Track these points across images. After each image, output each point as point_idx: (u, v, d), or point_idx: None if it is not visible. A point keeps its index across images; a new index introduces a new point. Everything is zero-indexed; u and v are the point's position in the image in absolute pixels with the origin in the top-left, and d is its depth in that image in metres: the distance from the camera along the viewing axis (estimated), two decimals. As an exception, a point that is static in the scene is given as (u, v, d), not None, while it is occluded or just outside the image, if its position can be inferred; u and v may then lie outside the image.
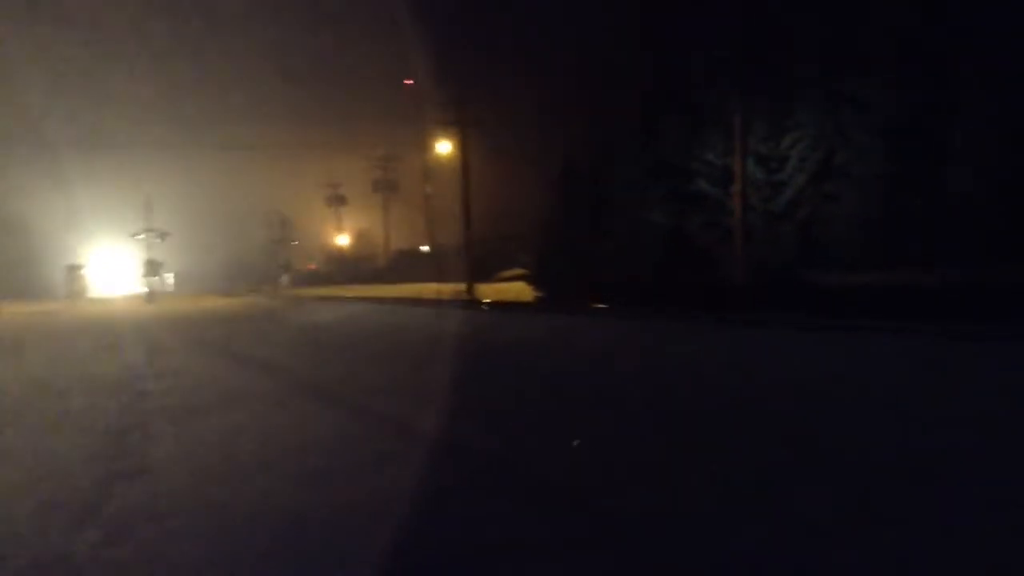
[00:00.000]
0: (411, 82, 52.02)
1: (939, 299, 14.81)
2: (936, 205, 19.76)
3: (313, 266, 78.11)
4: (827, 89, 22.57)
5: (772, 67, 23.07)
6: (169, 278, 75.43)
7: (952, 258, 17.99)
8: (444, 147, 44.62)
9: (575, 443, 4.70)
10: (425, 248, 61.67)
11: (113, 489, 5.57)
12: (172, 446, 6.97)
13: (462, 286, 37.29)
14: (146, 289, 58.20)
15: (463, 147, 38.25)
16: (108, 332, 22.74)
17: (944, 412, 6.85)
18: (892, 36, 20.86)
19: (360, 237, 78.44)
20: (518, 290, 32.83)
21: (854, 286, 18.76)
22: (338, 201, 73.58)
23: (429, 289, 39.77)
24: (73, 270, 70.60)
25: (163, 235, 61.80)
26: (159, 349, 16.72)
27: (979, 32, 18.95)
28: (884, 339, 11.21)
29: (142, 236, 61.64)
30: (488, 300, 29.96)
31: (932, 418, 6.69)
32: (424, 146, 47.43)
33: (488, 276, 40.13)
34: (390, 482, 5.49)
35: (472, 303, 28.90)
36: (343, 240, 75.17)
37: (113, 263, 75.61)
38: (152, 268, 62.57)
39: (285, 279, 72.73)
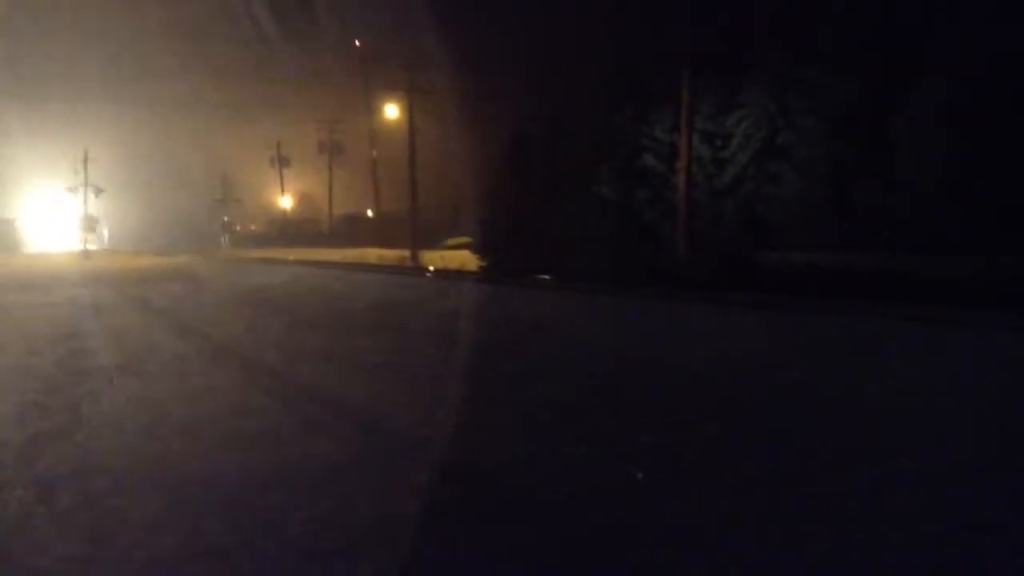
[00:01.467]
0: (361, 44, 51.11)
1: (869, 282, 15.21)
2: (878, 191, 20.13)
3: (255, 227, 76.72)
4: (775, 71, 22.79)
5: (722, 46, 23.19)
6: (104, 235, 73.44)
7: (893, 244, 18.41)
8: (392, 111, 44.04)
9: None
10: (370, 213, 60.98)
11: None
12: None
13: (406, 252, 37.05)
14: (82, 246, 56.54)
15: (411, 112, 37.82)
16: (32, 286, 22.05)
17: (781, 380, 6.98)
18: (842, 23, 21.10)
19: (304, 200, 77.23)
20: (463, 258, 32.69)
21: (792, 265, 19.12)
22: (282, 162, 72.15)
23: (372, 254, 39.41)
24: (4, 224, 68.21)
25: (98, 191, 60.02)
26: (81, 305, 16.29)
27: (930, 20, 19.26)
28: (801, 317, 11.41)
29: (78, 191, 59.79)
30: (432, 268, 29.80)
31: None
32: (373, 110, 46.73)
33: (433, 243, 39.89)
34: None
35: (415, 270, 28.72)
36: (286, 202, 73.87)
37: (48, 218, 73.19)
38: (89, 224, 60.80)
39: (225, 240, 71.30)
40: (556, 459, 5.13)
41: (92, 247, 57.15)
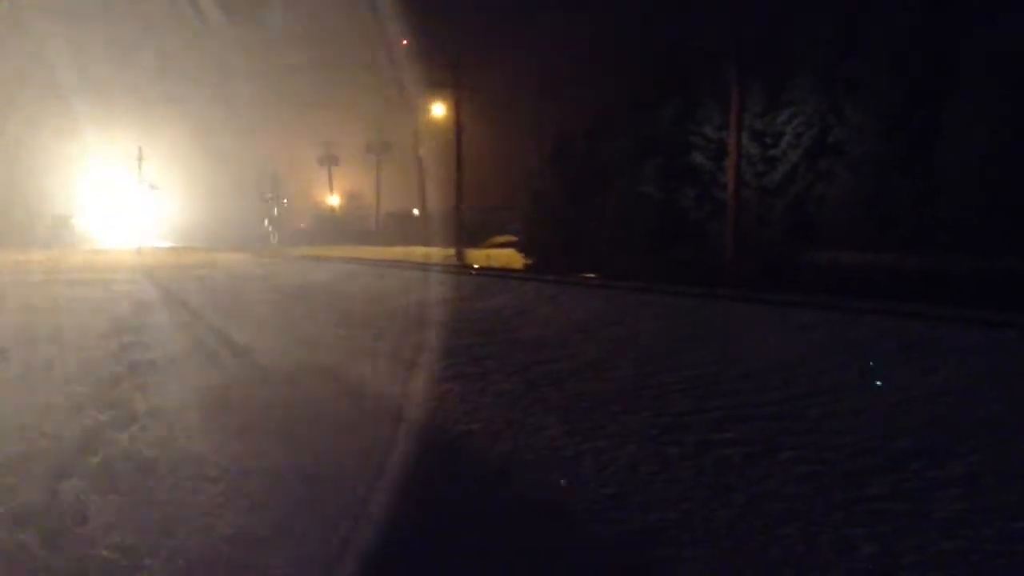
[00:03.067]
0: (407, 43, 51.45)
1: (925, 283, 14.89)
2: (927, 189, 19.72)
3: (303, 225, 77.65)
4: (824, 68, 22.42)
5: (770, 44, 22.88)
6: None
7: (942, 243, 18.01)
8: (439, 110, 44.23)
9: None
10: (416, 211, 61.36)
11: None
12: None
13: (451, 251, 37.17)
14: (137, 243, 57.71)
15: (457, 111, 37.95)
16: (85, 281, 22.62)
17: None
18: (891, 21, 20.69)
19: (351, 198, 77.98)
20: (508, 257, 32.75)
21: (844, 265, 18.81)
22: (330, 161, 72.99)
23: (417, 252, 39.64)
24: (61, 219, 69.78)
25: (152, 187, 61.24)
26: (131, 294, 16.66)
27: (978, 19, 18.82)
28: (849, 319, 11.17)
29: (136, 188, 61.02)
30: (477, 266, 29.89)
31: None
32: (419, 109, 46.97)
33: (478, 242, 40.00)
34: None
35: (460, 268, 28.83)
36: (334, 200, 74.68)
37: (105, 214, 74.68)
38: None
39: (274, 237, 72.33)
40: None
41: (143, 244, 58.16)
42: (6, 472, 5.11)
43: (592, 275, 22.13)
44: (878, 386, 6.93)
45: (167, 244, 71.35)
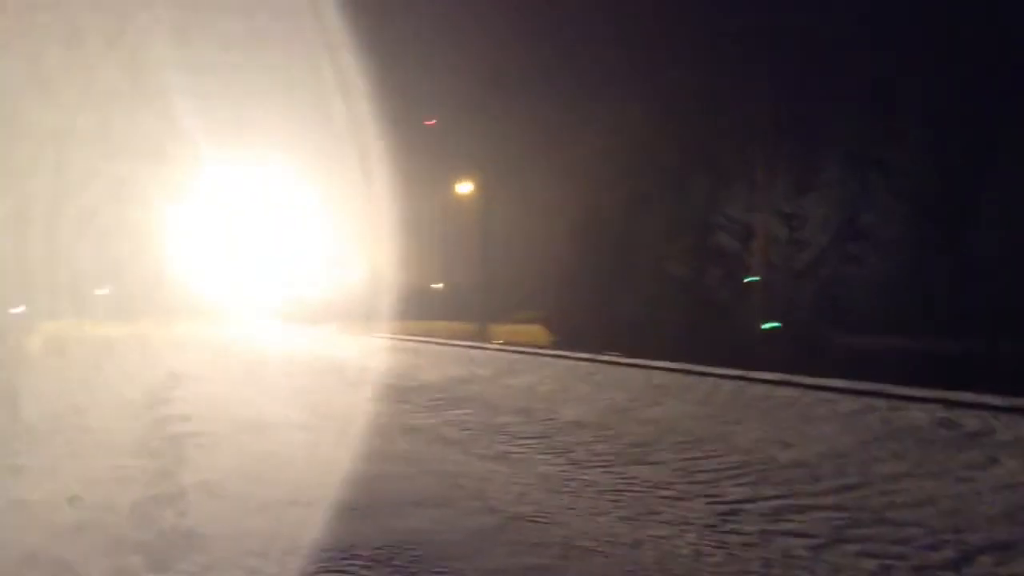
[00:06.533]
0: (432, 122, 52.43)
1: (967, 369, 14.65)
2: (961, 273, 19.64)
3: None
4: (854, 152, 22.63)
5: (799, 127, 23.16)
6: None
7: (980, 328, 17.83)
8: (464, 188, 44.85)
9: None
10: (437, 286, 61.54)
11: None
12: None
13: (475, 326, 37.15)
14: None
15: (482, 189, 38.45)
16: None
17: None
18: (923, 104, 20.94)
19: (371, 272, 78.19)
20: (533, 333, 32.66)
21: (877, 349, 18.62)
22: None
23: (440, 327, 39.59)
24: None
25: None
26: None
27: (1010, 103, 18.99)
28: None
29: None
30: (501, 341, 29.82)
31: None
32: (444, 186, 47.63)
33: (503, 317, 39.95)
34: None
35: (486, 343, 28.78)
36: (356, 275, 74.91)
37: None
38: None
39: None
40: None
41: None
42: None
43: (621, 353, 22.02)
44: (940, 477, 6.76)
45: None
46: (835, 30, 21.85)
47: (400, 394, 13.41)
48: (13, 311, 26.84)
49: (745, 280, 24.65)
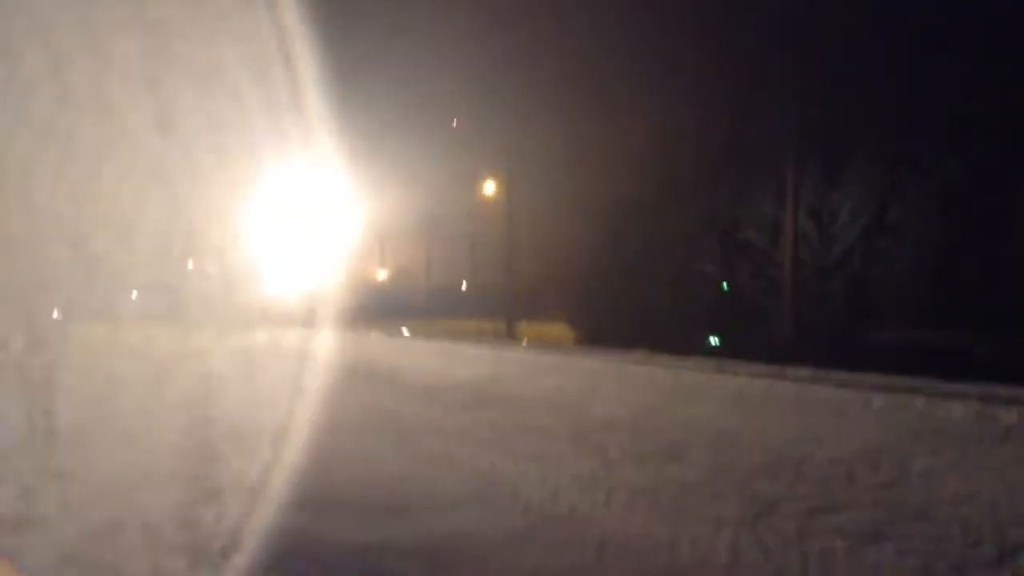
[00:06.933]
0: (456, 122, 52.48)
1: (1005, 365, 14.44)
2: (992, 268, 19.41)
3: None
4: (883, 147, 22.41)
5: (828, 122, 22.93)
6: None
7: (1009, 322, 17.60)
8: (490, 188, 44.87)
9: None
10: (464, 286, 61.69)
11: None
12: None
13: (501, 325, 37.17)
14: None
15: (507, 189, 38.39)
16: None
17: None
18: (952, 102, 20.70)
19: (399, 272, 78.58)
20: (559, 331, 32.67)
21: (909, 344, 18.45)
22: (381, 235, 73.94)
23: (467, 326, 39.67)
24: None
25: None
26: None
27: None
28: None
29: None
30: (527, 340, 29.83)
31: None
32: (470, 186, 47.65)
33: (529, 316, 39.95)
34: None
35: (513, 342, 28.82)
36: (382, 274, 75.42)
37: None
38: None
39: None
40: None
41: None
42: None
43: (649, 352, 21.96)
44: (979, 474, 6.70)
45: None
46: (864, 25, 21.65)
47: (431, 394, 13.52)
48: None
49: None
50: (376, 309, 60.74)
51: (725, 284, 25.35)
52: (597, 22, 27.14)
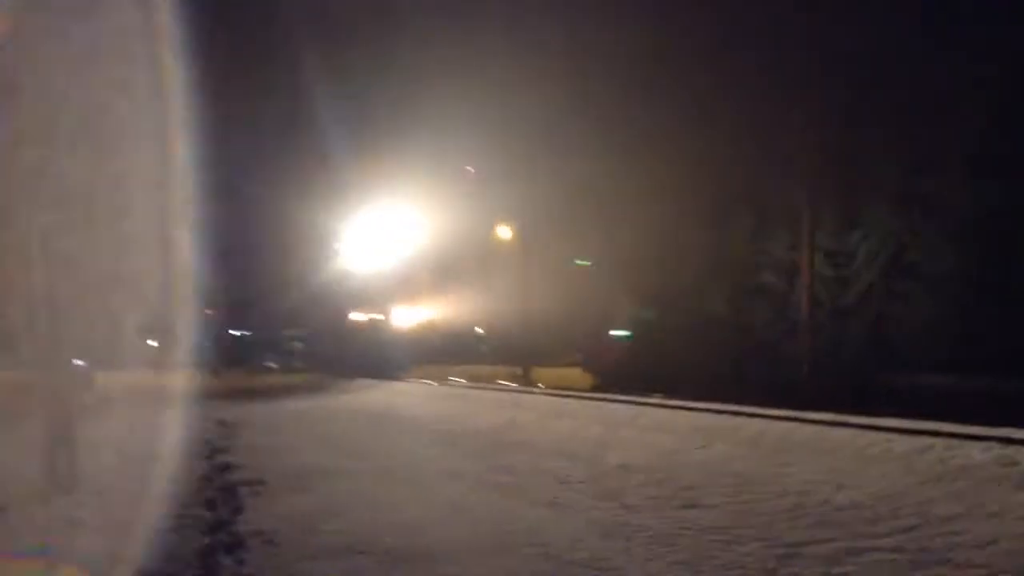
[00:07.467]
0: (472, 170, 52.94)
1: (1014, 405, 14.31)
2: (1009, 311, 19.29)
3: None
4: (898, 189, 22.45)
5: (842, 164, 23.03)
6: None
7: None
8: (504, 232, 45.04)
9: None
10: (479, 330, 61.67)
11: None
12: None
13: (517, 370, 37.06)
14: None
15: (522, 235, 38.56)
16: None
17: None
18: (965, 140, 20.76)
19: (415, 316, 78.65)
20: (573, 376, 32.56)
21: (926, 387, 18.30)
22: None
23: (483, 371, 39.57)
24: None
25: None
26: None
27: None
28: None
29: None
30: (541, 384, 29.72)
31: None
32: (484, 232, 47.83)
33: (545, 361, 39.83)
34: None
35: (530, 387, 28.73)
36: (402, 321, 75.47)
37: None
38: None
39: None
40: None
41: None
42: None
43: (664, 395, 21.88)
44: (1001, 517, 6.63)
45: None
46: (880, 66, 21.77)
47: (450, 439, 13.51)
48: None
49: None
50: (396, 358, 60.51)
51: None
52: (608, 63, 27.36)
